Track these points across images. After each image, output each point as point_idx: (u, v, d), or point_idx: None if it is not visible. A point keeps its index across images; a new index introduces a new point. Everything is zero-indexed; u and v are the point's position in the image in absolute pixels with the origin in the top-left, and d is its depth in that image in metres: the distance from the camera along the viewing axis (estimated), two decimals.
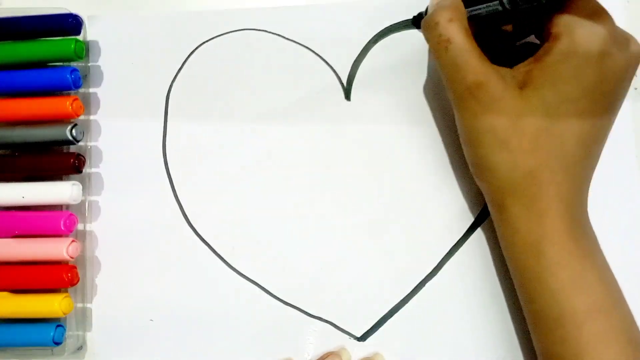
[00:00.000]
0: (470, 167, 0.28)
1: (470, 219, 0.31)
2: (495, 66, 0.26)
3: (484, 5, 0.26)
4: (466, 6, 0.27)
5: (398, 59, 0.33)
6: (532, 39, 0.29)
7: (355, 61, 0.33)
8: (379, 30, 0.33)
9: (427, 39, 0.27)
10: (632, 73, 0.26)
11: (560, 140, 0.25)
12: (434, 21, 0.26)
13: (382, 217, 0.32)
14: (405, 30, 0.32)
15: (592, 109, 0.25)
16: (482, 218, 0.31)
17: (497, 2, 0.26)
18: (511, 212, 0.26)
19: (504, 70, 0.26)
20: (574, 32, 0.25)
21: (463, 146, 0.28)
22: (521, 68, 0.26)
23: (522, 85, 0.25)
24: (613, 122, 0.26)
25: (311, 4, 0.33)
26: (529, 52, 0.27)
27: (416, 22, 0.31)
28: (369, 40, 0.33)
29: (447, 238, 0.31)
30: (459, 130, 0.28)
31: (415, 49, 0.32)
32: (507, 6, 0.26)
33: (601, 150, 0.27)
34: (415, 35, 0.32)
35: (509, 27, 0.29)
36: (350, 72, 0.33)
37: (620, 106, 0.26)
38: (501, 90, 0.25)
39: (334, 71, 0.33)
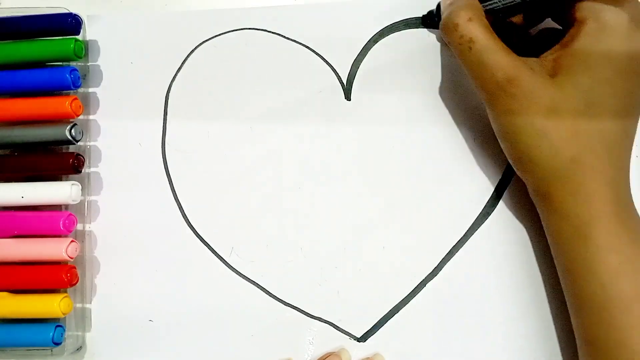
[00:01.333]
0: (510, 162, 0.28)
1: (471, 219, 0.31)
2: (522, 58, 0.26)
3: None
4: (480, 1, 0.26)
5: (398, 58, 0.32)
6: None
7: (355, 61, 0.33)
8: (379, 30, 0.33)
9: (448, 42, 0.27)
10: None
11: (599, 123, 0.25)
12: (452, 22, 0.26)
13: (381, 218, 0.31)
14: (407, 29, 0.32)
15: (625, 87, 0.25)
16: (483, 218, 0.31)
17: None
18: (557, 200, 0.26)
19: (531, 61, 0.26)
20: (599, 14, 0.25)
21: (501, 142, 0.28)
22: (548, 56, 0.26)
23: (553, 74, 0.25)
24: None
25: (311, 3, 0.33)
26: (544, 38, 0.27)
27: (425, 21, 0.31)
28: (369, 40, 0.33)
29: (447, 238, 0.31)
30: (495, 127, 0.27)
31: (416, 49, 0.32)
32: None
33: (636, 129, 0.27)
34: (415, 35, 0.32)
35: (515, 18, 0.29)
36: (350, 72, 0.33)
37: None
38: (533, 81, 0.25)
39: (334, 71, 0.33)
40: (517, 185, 0.31)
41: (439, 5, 0.30)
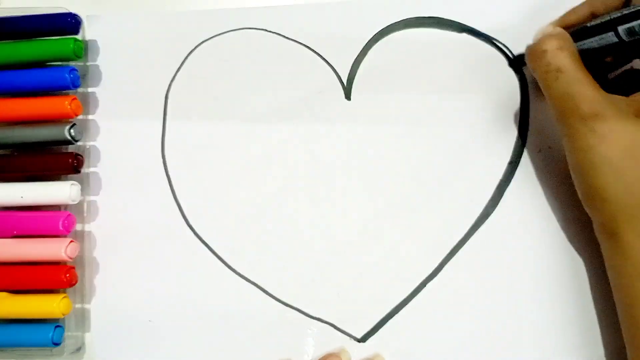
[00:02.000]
0: (580, 196, 0.27)
1: (471, 220, 0.31)
2: (609, 95, 0.26)
3: (596, 37, 0.26)
4: (574, 41, 0.26)
5: (398, 58, 0.32)
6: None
7: (355, 60, 0.33)
8: (379, 30, 0.33)
9: (533, 69, 0.27)
10: None
11: None
12: (541, 49, 0.26)
13: (381, 218, 0.31)
14: (407, 29, 0.32)
15: None
16: (483, 218, 0.31)
17: (612, 34, 0.25)
18: (624, 240, 0.25)
19: (618, 99, 0.26)
20: None
21: (574, 176, 0.27)
22: (638, 96, 0.26)
23: (639, 114, 0.25)
24: None
25: (311, 3, 0.33)
26: (632, 78, 0.27)
27: (515, 63, 0.31)
28: (369, 40, 0.33)
29: (447, 239, 0.31)
30: (570, 161, 0.27)
31: (416, 49, 0.32)
32: (625, 38, 0.25)
33: None
34: (415, 35, 0.32)
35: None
36: (350, 72, 0.33)
37: None
38: (617, 119, 0.25)
39: (334, 70, 0.33)
40: (517, 185, 0.31)
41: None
